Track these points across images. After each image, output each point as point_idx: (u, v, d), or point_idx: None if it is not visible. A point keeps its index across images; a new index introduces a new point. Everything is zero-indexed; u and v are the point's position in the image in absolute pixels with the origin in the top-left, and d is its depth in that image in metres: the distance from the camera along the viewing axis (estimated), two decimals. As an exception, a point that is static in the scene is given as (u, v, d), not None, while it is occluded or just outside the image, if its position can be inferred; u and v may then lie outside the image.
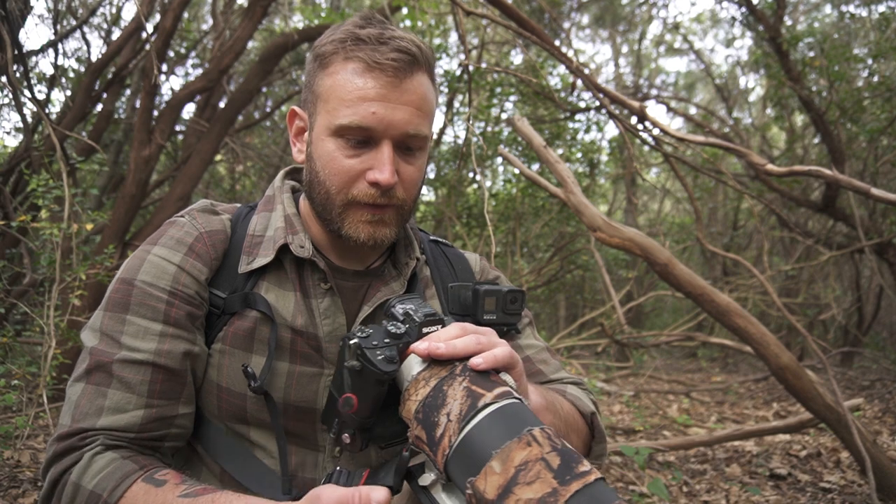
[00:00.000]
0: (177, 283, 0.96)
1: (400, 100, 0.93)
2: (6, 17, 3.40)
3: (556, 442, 0.66)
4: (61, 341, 3.02)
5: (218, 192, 7.74)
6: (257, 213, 1.07)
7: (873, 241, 5.34)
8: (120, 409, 0.90)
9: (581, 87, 5.67)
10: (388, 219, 0.99)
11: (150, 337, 0.93)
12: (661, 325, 10.09)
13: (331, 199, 0.98)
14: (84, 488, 0.84)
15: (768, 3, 5.66)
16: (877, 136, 5.38)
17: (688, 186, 4.00)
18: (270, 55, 5.10)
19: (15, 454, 2.65)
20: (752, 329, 2.51)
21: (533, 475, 0.62)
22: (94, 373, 0.92)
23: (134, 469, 0.86)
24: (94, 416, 0.89)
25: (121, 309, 0.94)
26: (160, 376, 0.92)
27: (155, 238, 1.00)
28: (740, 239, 9.46)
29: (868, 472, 2.43)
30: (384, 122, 0.93)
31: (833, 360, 6.79)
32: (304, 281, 1.02)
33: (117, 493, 0.83)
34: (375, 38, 0.93)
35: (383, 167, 0.93)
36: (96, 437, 0.88)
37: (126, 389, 0.91)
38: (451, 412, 0.71)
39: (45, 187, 3.04)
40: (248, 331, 0.98)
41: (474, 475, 0.66)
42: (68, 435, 0.88)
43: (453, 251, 1.22)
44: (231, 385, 0.97)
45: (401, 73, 0.93)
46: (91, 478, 0.85)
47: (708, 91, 13.66)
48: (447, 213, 6.48)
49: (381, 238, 0.99)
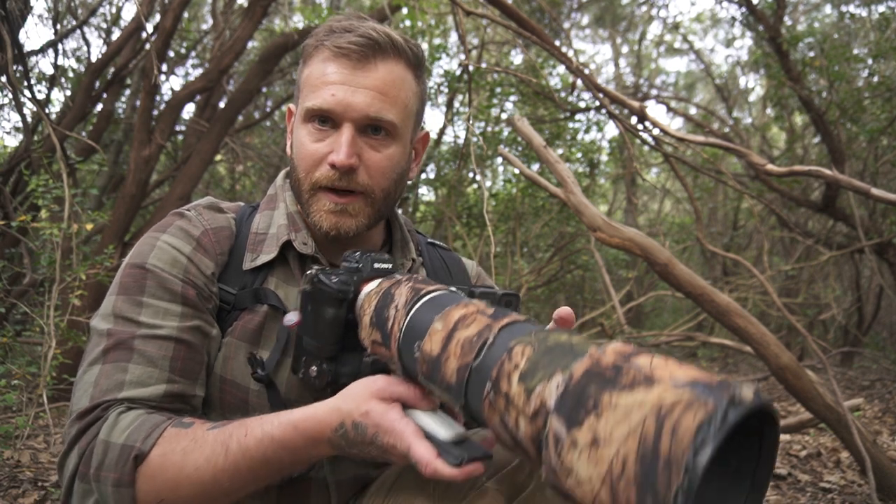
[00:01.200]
0: (188, 272, 0.96)
1: (360, 83, 0.95)
2: (6, 17, 3.40)
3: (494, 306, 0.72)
4: (61, 341, 3.02)
5: (218, 191, 7.73)
6: (260, 211, 1.08)
7: (873, 241, 5.33)
8: (142, 383, 0.88)
9: (581, 87, 5.66)
10: (352, 209, 0.99)
11: (170, 316, 0.92)
12: (661, 325, 10.08)
13: (300, 184, 1.01)
14: (114, 444, 0.83)
15: (768, 3, 5.66)
16: (877, 136, 5.37)
17: (688, 186, 4.00)
18: (270, 55, 5.10)
19: (15, 454, 2.65)
20: (752, 329, 2.51)
21: (470, 320, 0.69)
22: (111, 351, 0.90)
23: (162, 419, 0.85)
24: (115, 390, 0.87)
25: (136, 292, 0.93)
26: (182, 353, 0.92)
27: (163, 226, 1.00)
28: (740, 239, 9.45)
29: (868, 472, 2.43)
30: (342, 103, 0.95)
31: (833, 360, 6.79)
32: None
33: (150, 441, 0.82)
34: (344, 28, 0.96)
35: (340, 148, 0.95)
36: (121, 403, 0.87)
37: (148, 363, 0.89)
38: (398, 304, 0.77)
39: (45, 187, 3.04)
40: (258, 325, 0.98)
41: (419, 338, 0.72)
42: (89, 410, 0.86)
43: (450, 255, 1.23)
44: (235, 378, 0.98)
45: (363, 58, 0.95)
46: (120, 433, 0.83)
47: (708, 91, 13.65)
48: (447, 213, 6.47)
49: (344, 229, 0.99)
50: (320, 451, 0.82)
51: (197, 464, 0.81)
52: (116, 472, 0.81)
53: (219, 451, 0.82)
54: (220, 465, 0.81)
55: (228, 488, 0.83)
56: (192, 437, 0.83)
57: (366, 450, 0.79)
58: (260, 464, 0.82)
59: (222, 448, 0.82)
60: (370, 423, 0.77)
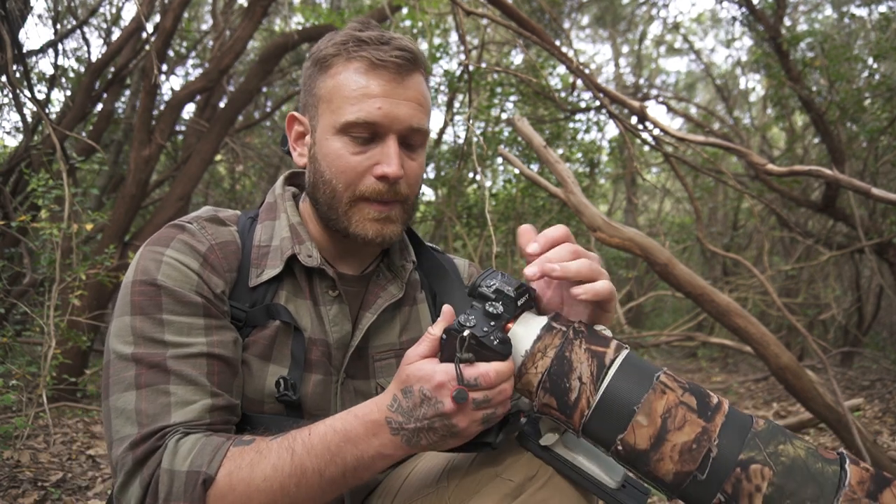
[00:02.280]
0: (201, 289, 0.93)
1: (403, 96, 0.96)
2: (6, 17, 3.40)
3: (682, 381, 0.74)
4: (61, 341, 3.02)
5: (218, 192, 7.73)
6: (260, 222, 1.05)
7: (873, 241, 5.33)
8: (188, 402, 0.86)
9: (581, 87, 5.67)
10: (394, 216, 1.00)
11: (195, 332, 0.90)
12: (661, 325, 10.08)
13: (337, 197, 0.98)
14: (179, 472, 0.80)
15: (768, 3, 5.65)
16: (877, 136, 5.37)
17: (688, 186, 4.00)
18: (270, 55, 5.10)
19: (15, 454, 2.65)
20: (752, 329, 2.51)
21: (680, 420, 0.70)
22: (144, 375, 0.86)
23: (222, 441, 0.84)
24: (165, 415, 0.84)
25: (153, 310, 0.89)
26: (216, 367, 0.90)
27: (163, 240, 0.95)
28: (740, 239, 9.45)
29: (868, 472, 2.42)
30: (389, 116, 0.95)
31: (833, 360, 6.79)
32: (314, 289, 1.02)
33: (216, 463, 0.81)
34: (377, 39, 0.96)
35: (391, 160, 0.96)
36: (176, 429, 0.84)
37: (188, 383, 0.87)
38: (581, 375, 0.76)
39: (45, 187, 3.04)
40: (269, 340, 0.98)
41: (620, 431, 0.73)
42: (143, 439, 0.83)
43: (443, 256, 1.23)
44: (249, 393, 0.96)
45: (403, 71, 0.96)
46: (183, 460, 0.81)
47: (708, 91, 13.65)
48: (447, 213, 6.47)
49: (389, 235, 1.00)
50: (382, 441, 0.81)
51: (265, 474, 0.80)
52: (186, 500, 0.79)
53: (285, 456, 0.81)
54: (286, 469, 0.80)
55: (296, 495, 0.81)
56: (256, 450, 0.82)
57: (421, 415, 0.78)
58: (326, 462, 0.80)
59: (288, 452, 0.81)
60: (413, 381, 0.78)
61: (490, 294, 0.84)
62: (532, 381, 0.79)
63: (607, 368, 0.76)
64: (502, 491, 0.85)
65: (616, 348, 0.78)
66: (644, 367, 0.76)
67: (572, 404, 0.76)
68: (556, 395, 0.77)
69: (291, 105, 7.81)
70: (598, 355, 0.77)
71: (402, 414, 0.79)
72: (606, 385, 0.75)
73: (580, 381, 0.76)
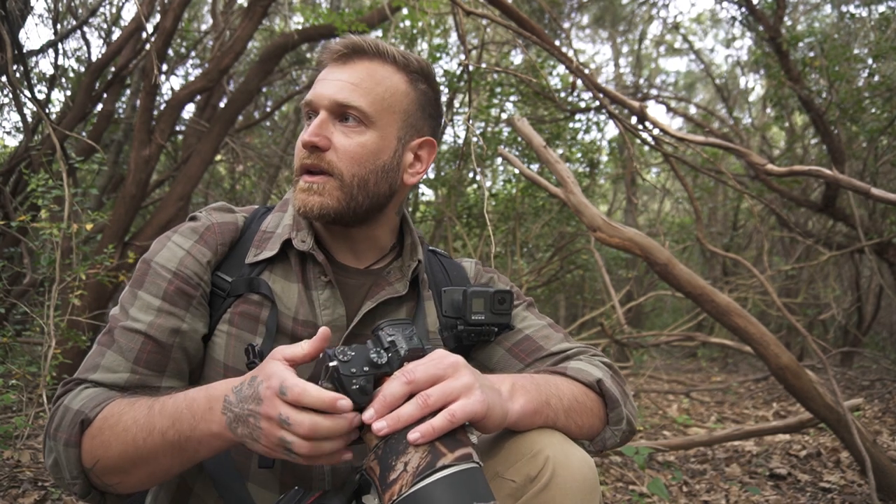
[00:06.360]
0: (181, 264, 1.04)
1: (336, 77, 1.05)
2: (6, 17, 3.40)
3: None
4: (61, 341, 3.02)
5: (218, 192, 7.72)
6: (273, 212, 1.17)
7: (873, 241, 5.33)
8: (111, 370, 0.99)
9: (581, 87, 5.66)
10: (318, 188, 1.03)
11: (149, 310, 1.02)
12: (661, 325, 10.08)
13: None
14: (70, 409, 0.94)
15: (768, 3, 5.65)
16: (877, 136, 5.37)
17: (688, 186, 4.00)
18: (270, 55, 5.10)
19: (15, 454, 2.65)
20: (752, 329, 2.51)
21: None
22: (104, 335, 1.02)
23: (116, 395, 0.96)
24: (91, 371, 0.99)
25: (137, 285, 1.04)
26: (149, 347, 1.00)
27: (177, 228, 1.11)
28: (740, 239, 9.45)
29: (868, 472, 2.43)
30: (317, 94, 1.04)
31: (833, 360, 6.79)
32: (307, 273, 1.09)
33: (96, 410, 0.92)
34: (340, 41, 1.07)
35: (309, 129, 1.03)
36: (91, 382, 0.99)
37: (119, 353, 1.00)
38: (409, 462, 0.74)
39: (45, 187, 3.04)
40: (253, 314, 1.05)
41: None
42: (69, 381, 1.00)
43: (449, 260, 1.28)
44: (236, 364, 1.03)
45: (343, 58, 1.06)
46: (78, 401, 0.95)
47: (708, 91, 13.65)
48: (447, 213, 6.47)
49: (311, 206, 1.03)
50: (214, 417, 0.84)
51: (125, 425, 0.89)
52: (66, 433, 0.92)
53: (143, 412, 0.89)
54: (141, 423, 0.88)
55: (144, 450, 0.88)
56: (130, 403, 0.92)
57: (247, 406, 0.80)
58: (168, 425, 0.86)
59: (147, 409, 0.89)
60: (262, 375, 0.81)
61: (385, 340, 0.84)
62: (371, 441, 0.79)
63: (433, 471, 0.73)
64: (503, 491, 0.86)
65: (461, 458, 0.75)
66: (471, 489, 0.72)
67: (388, 483, 0.74)
68: (382, 467, 0.76)
69: (291, 105, 7.82)
70: (437, 454, 0.74)
71: (237, 396, 0.82)
72: (422, 486, 0.72)
73: (404, 468, 0.74)
